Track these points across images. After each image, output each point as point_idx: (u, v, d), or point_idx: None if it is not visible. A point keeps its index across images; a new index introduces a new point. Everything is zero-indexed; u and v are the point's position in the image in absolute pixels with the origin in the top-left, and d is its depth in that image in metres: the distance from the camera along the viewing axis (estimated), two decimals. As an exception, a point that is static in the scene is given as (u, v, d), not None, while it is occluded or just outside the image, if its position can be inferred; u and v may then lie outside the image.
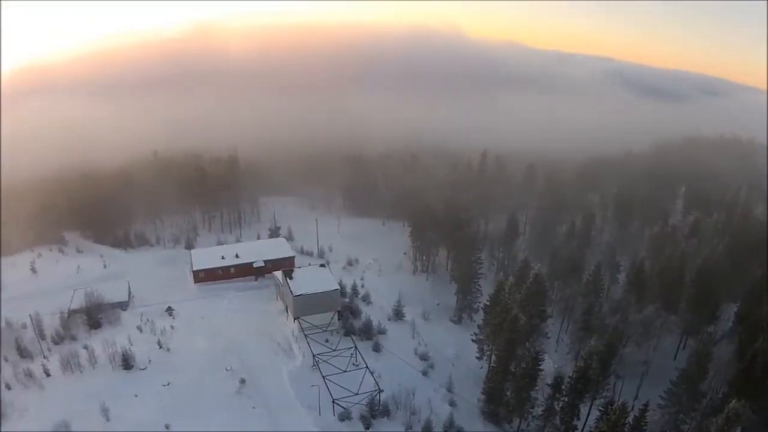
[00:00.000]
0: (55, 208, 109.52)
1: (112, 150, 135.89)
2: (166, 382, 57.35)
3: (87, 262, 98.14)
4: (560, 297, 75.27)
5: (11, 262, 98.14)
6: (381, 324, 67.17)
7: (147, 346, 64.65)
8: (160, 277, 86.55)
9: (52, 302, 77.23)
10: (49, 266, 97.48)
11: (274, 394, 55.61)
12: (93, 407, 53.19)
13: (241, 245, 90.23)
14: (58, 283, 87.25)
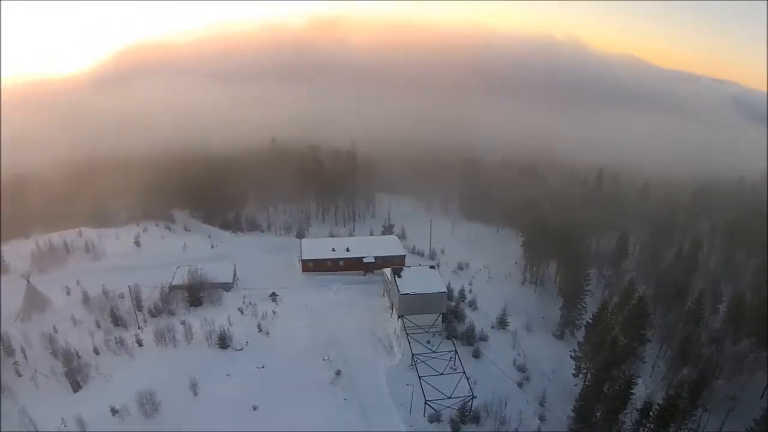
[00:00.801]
0: (166, 186, 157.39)
1: (230, 134, 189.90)
2: (261, 365, 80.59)
3: (194, 241, 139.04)
4: (662, 322, 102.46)
5: (115, 233, 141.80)
6: (484, 331, 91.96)
7: (246, 329, 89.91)
8: (267, 263, 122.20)
9: (153, 276, 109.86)
10: (154, 242, 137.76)
11: (368, 388, 77.05)
12: (182, 381, 75.72)
13: (353, 239, 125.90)
14: (161, 258, 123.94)
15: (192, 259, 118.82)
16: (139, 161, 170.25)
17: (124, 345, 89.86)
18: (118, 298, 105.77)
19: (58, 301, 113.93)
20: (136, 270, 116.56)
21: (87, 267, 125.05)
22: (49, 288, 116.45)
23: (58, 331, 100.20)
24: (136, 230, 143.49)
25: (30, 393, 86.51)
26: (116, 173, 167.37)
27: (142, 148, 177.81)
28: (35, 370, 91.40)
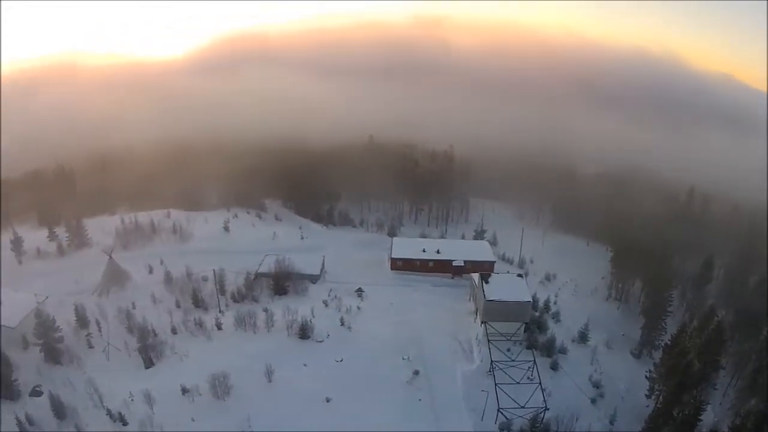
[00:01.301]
0: (260, 175, 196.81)
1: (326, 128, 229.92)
2: (340, 358, 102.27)
3: (284, 231, 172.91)
4: (737, 350, 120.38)
5: (204, 217, 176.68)
6: (564, 343, 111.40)
7: (329, 321, 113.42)
8: (356, 258, 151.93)
9: (240, 262, 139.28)
10: (244, 228, 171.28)
11: (443, 391, 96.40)
12: (258, 367, 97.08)
13: (444, 242, 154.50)
14: (249, 245, 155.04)
15: (281, 249, 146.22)
16: (234, 148, 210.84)
17: (203, 327, 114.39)
18: (201, 280, 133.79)
19: (139, 279, 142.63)
20: (222, 255, 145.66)
21: (172, 248, 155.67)
22: (132, 265, 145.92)
23: (137, 307, 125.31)
24: (226, 216, 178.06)
25: (100, 365, 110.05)
26: (210, 158, 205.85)
27: (237, 135, 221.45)
28: (108, 343, 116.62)
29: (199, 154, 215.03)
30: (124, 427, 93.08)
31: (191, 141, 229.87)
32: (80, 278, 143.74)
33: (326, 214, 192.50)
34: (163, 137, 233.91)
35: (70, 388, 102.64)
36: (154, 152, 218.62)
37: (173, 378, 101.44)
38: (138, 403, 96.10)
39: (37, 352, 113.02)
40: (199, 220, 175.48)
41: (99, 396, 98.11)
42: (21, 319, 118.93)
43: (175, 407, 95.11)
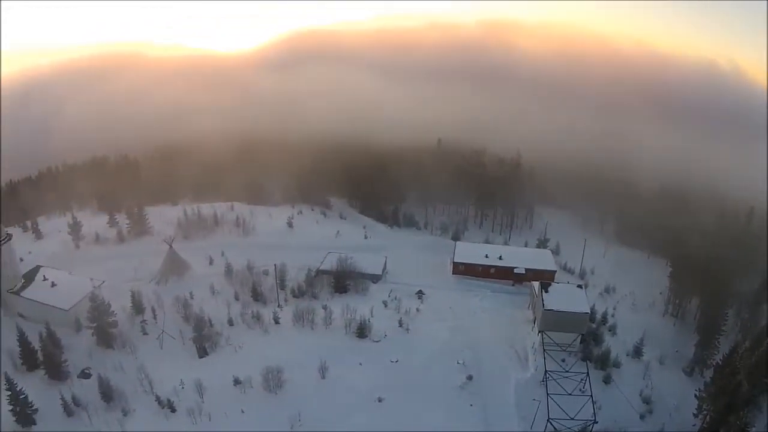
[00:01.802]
0: (326, 172, 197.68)
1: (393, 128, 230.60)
2: (396, 359, 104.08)
3: (348, 229, 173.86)
4: None
5: (268, 212, 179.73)
6: (618, 357, 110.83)
7: (387, 322, 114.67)
8: (419, 261, 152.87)
9: (302, 258, 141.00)
10: (307, 225, 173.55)
11: (495, 397, 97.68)
12: (312, 363, 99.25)
13: (507, 248, 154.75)
14: (312, 242, 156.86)
15: (343, 247, 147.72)
16: (301, 145, 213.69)
17: (260, 320, 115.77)
18: (261, 274, 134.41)
19: (199, 269, 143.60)
20: (284, 250, 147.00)
21: (234, 241, 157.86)
22: (192, 256, 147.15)
23: (194, 297, 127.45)
24: (290, 211, 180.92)
25: (152, 352, 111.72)
26: (276, 154, 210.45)
27: (304, 132, 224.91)
28: (162, 330, 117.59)
29: (265, 149, 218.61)
30: (172, 413, 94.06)
31: (258, 135, 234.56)
32: (139, 266, 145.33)
33: (391, 214, 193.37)
34: (230, 130, 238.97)
35: (120, 372, 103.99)
36: (221, 145, 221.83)
37: (226, 369, 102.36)
38: (188, 391, 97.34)
39: (90, 335, 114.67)
40: (263, 214, 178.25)
41: (149, 382, 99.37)
42: (75, 302, 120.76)
43: (225, 398, 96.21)
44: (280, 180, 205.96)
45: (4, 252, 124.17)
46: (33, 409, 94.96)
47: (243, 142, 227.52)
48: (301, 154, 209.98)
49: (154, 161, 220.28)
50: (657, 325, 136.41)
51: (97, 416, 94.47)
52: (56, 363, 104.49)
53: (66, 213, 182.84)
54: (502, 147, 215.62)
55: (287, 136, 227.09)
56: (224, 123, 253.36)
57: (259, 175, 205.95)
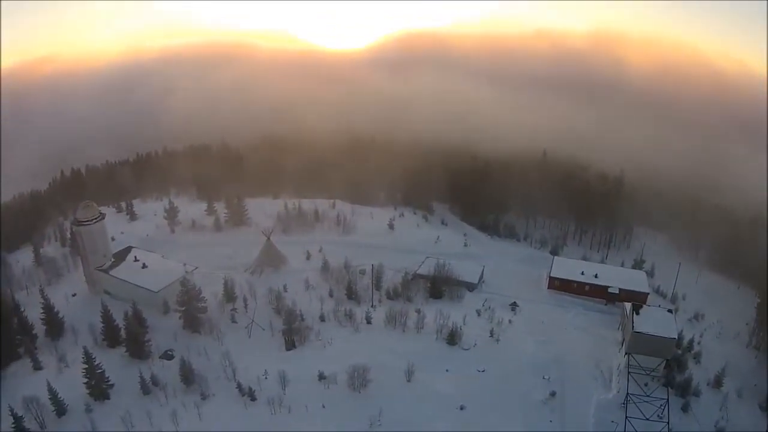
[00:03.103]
0: (430, 176, 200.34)
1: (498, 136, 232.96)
2: (483, 368, 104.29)
3: (448, 236, 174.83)
4: None
5: (370, 212, 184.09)
6: (699, 386, 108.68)
7: (479, 331, 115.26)
8: (516, 272, 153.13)
9: (399, 261, 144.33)
10: (408, 228, 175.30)
11: (575, 416, 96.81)
12: (399, 365, 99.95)
13: (603, 267, 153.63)
14: (411, 245, 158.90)
15: (442, 253, 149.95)
16: (406, 146, 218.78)
17: (352, 319, 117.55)
18: (358, 273, 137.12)
19: (295, 263, 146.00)
20: (383, 251, 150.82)
21: (333, 238, 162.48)
22: (290, 249, 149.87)
23: (288, 290, 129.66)
24: (392, 213, 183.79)
25: (239, 340, 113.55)
26: (382, 154, 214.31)
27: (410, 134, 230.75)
28: (252, 320, 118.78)
29: (371, 148, 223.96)
30: (251, 402, 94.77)
31: (365, 134, 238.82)
32: (234, 255, 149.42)
33: (492, 224, 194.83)
34: (336, 127, 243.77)
35: (203, 357, 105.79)
36: (326, 141, 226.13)
37: (312, 363, 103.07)
38: (271, 382, 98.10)
39: (177, 318, 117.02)
40: (364, 214, 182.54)
41: (233, 369, 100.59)
42: (165, 285, 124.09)
43: (308, 392, 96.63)
44: (384, 181, 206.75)
45: (96, 230, 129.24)
46: (109, 384, 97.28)
47: (349, 140, 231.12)
48: (406, 156, 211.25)
49: (258, 153, 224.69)
50: (740, 357, 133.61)
51: (174, 397, 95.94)
52: (139, 342, 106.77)
53: (163, 198, 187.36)
54: (605, 163, 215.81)
55: (394, 137, 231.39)
56: (331, 120, 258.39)
57: (363, 175, 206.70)
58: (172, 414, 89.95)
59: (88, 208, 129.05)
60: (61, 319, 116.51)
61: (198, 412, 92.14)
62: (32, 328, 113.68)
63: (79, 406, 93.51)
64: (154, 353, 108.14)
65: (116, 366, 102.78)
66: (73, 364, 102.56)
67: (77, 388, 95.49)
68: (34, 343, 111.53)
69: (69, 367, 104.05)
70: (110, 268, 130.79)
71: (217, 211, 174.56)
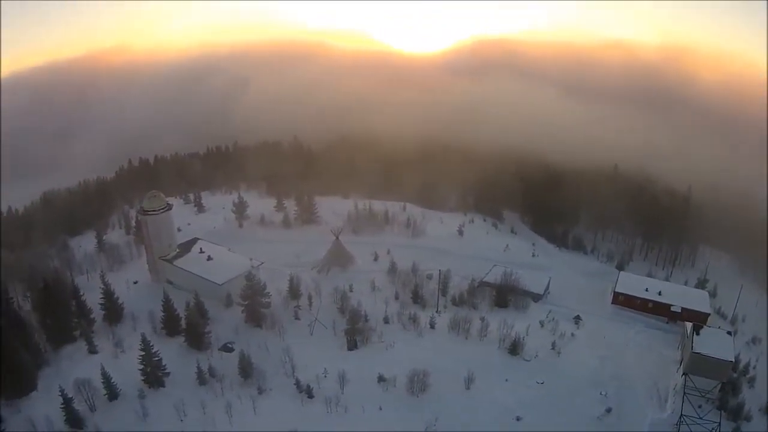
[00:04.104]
0: (501, 184, 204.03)
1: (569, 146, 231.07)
2: (542, 380, 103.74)
3: (517, 244, 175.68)
4: None
5: (440, 217, 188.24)
6: (750, 411, 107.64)
7: (541, 342, 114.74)
8: (581, 285, 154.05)
9: (467, 268, 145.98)
10: (477, 235, 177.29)
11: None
12: (460, 372, 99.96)
13: (666, 284, 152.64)
14: (480, 252, 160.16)
15: (510, 262, 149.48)
16: (479, 152, 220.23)
17: (416, 323, 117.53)
18: (425, 277, 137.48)
19: (363, 264, 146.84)
20: (451, 257, 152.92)
21: (402, 241, 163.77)
22: (358, 250, 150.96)
23: (354, 291, 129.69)
24: (462, 219, 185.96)
25: (301, 337, 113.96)
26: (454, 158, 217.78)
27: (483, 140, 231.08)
28: (315, 318, 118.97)
29: (443, 153, 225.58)
30: (308, 399, 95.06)
31: (437, 139, 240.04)
32: (302, 252, 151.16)
33: (561, 235, 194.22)
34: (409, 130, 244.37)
35: (263, 351, 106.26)
36: (399, 144, 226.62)
37: (373, 365, 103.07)
38: (330, 381, 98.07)
39: (240, 312, 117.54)
40: (434, 218, 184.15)
41: (292, 365, 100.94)
42: (229, 278, 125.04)
43: (366, 393, 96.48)
44: (456, 186, 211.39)
45: (162, 220, 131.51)
46: (165, 372, 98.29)
47: (421, 143, 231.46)
48: (478, 162, 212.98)
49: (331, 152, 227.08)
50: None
51: (230, 390, 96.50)
52: (199, 333, 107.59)
53: (232, 191, 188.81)
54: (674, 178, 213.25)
55: (466, 143, 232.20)
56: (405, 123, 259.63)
57: (434, 179, 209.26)
58: (226, 406, 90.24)
59: (155, 198, 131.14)
60: (120, 305, 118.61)
61: (253, 406, 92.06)
62: (90, 312, 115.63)
63: (132, 392, 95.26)
64: (214, 345, 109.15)
65: (174, 355, 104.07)
66: (130, 350, 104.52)
67: (132, 374, 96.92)
68: (91, 327, 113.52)
69: (125, 352, 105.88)
70: (175, 258, 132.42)
71: (286, 208, 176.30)
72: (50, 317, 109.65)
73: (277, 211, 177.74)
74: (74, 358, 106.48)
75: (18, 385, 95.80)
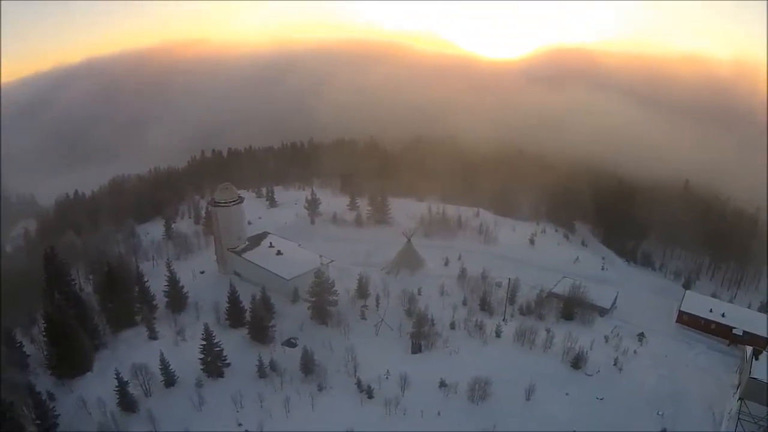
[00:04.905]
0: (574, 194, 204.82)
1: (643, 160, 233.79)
2: (602, 396, 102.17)
3: (587, 257, 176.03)
4: None
5: (512, 225, 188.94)
6: None
7: (603, 358, 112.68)
8: (647, 302, 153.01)
9: (536, 278, 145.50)
10: (548, 245, 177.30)
11: None
12: (521, 382, 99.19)
13: (730, 306, 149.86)
14: (550, 263, 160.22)
15: (579, 274, 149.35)
16: (554, 161, 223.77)
17: (482, 330, 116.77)
18: (494, 285, 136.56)
19: (433, 268, 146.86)
20: (521, 265, 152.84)
21: (474, 247, 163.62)
22: (429, 253, 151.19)
23: (422, 294, 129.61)
24: (534, 228, 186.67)
25: (366, 337, 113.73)
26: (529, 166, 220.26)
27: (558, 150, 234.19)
28: (382, 319, 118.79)
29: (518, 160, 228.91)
30: (368, 399, 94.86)
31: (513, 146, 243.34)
32: (372, 252, 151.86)
33: (630, 250, 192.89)
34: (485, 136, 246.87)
35: (327, 349, 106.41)
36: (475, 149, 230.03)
37: (436, 370, 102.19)
38: (391, 382, 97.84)
39: (306, 308, 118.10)
40: (506, 226, 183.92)
41: (354, 365, 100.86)
42: (298, 274, 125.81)
43: (426, 397, 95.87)
44: (529, 194, 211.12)
45: (232, 212, 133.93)
46: (225, 363, 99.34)
47: (497, 149, 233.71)
48: (553, 172, 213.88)
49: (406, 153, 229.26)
50: None
51: (290, 385, 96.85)
52: (263, 326, 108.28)
53: (305, 187, 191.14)
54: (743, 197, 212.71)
55: (542, 151, 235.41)
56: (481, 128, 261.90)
57: (508, 186, 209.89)
58: (284, 400, 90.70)
59: (227, 190, 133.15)
60: (185, 293, 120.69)
61: (312, 403, 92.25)
62: (153, 298, 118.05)
63: (190, 380, 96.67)
64: (277, 339, 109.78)
65: (235, 347, 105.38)
66: (191, 339, 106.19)
67: (191, 363, 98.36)
68: (153, 314, 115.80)
69: (186, 341, 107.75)
70: (244, 250, 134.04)
71: (359, 207, 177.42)
72: (112, 301, 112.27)
73: (350, 210, 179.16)
74: (133, 342, 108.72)
75: (73, 366, 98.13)
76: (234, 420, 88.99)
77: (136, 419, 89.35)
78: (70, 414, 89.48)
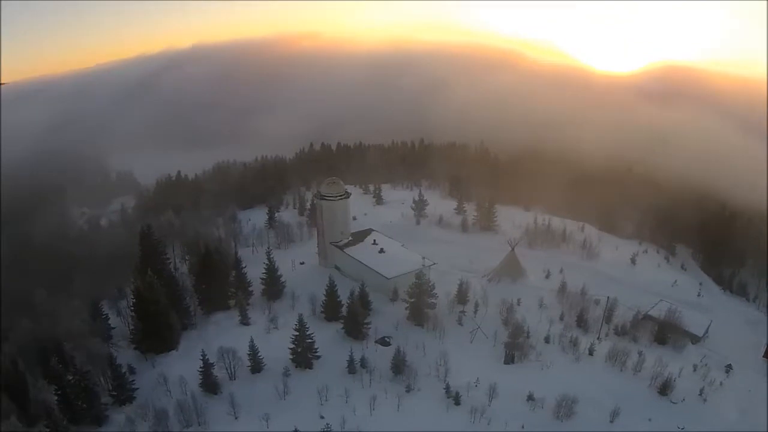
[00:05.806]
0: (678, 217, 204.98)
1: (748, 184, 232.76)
2: (683, 426, 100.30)
3: (685, 281, 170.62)
4: None
5: (615, 242, 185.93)
6: None
7: (690, 385, 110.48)
8: (739, 333, 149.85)
9: (633, 298, 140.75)
10: (648, 266, 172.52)
11: None
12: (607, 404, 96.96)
13: None
14: (648, 285, 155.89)
15: (675, 298, 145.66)
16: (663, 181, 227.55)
17: (576, 347, 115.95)
18: (592, 302, 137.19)
19: (533, 279, 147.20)
20: (620, 285, 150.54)
21: (576, 261, 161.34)
22: (531, 264, 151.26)
23: (521, 304, 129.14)
24: (636, 248, 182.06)
25: (460, 343, 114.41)
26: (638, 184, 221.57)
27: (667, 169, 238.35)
28: (478, 326, 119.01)
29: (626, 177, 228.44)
30: (454, 406, 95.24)
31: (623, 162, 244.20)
32: (475, 259, 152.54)
33: (728, 278, 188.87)
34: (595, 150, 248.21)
35: (420, 351, 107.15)
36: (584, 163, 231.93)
37: (525, 382, 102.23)
38: (480, 391, 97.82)
39: (403, 309, 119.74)
40: (609, 243, 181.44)
41: (445, 369, 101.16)
42: (399, 274, 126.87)
43: (512, 409, 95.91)
44: (634, 213, 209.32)
45: (338, 207, 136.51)
46: (316, 355, 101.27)
47: (606, 164, 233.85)
48: (660, 191, 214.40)
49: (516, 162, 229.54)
50: None
51: (377, 383, 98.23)
52: (358, 322, 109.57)
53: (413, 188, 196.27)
54: None
55: (650, 169, 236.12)
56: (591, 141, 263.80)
57: (615, 203, 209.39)
58: (371, 398, 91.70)
59: (334, 185, 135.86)
60: (282, 282, 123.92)
61: (398, 403, 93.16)
62: (249, 284, 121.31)
63: (277, 368, 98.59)
64: (371, 337, 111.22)
65: (328, 340, 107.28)
66: (283, 327, 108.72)
67: (280, 352, 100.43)
68: (248, 300, 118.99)
69: (278, 329, 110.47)
70: (346, 245, 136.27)
71: (466, 212, 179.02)
72: (206, 283, 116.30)
73: (456, 214, 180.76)
74: (223, 325, 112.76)
75: (159, 342, 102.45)
76: (317, 413, 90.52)
77: (217, 401, 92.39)
78: (149, 389, 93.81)
